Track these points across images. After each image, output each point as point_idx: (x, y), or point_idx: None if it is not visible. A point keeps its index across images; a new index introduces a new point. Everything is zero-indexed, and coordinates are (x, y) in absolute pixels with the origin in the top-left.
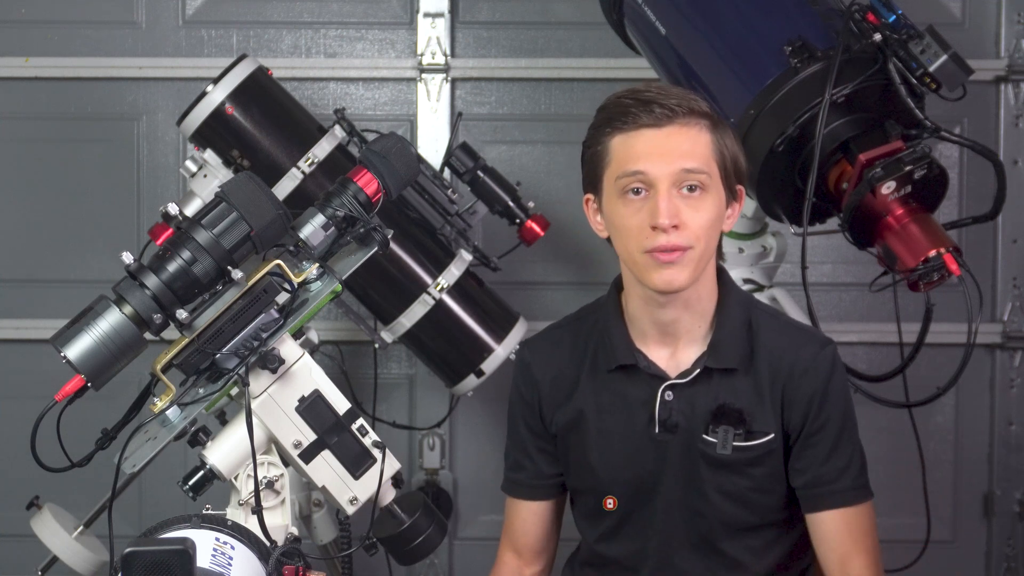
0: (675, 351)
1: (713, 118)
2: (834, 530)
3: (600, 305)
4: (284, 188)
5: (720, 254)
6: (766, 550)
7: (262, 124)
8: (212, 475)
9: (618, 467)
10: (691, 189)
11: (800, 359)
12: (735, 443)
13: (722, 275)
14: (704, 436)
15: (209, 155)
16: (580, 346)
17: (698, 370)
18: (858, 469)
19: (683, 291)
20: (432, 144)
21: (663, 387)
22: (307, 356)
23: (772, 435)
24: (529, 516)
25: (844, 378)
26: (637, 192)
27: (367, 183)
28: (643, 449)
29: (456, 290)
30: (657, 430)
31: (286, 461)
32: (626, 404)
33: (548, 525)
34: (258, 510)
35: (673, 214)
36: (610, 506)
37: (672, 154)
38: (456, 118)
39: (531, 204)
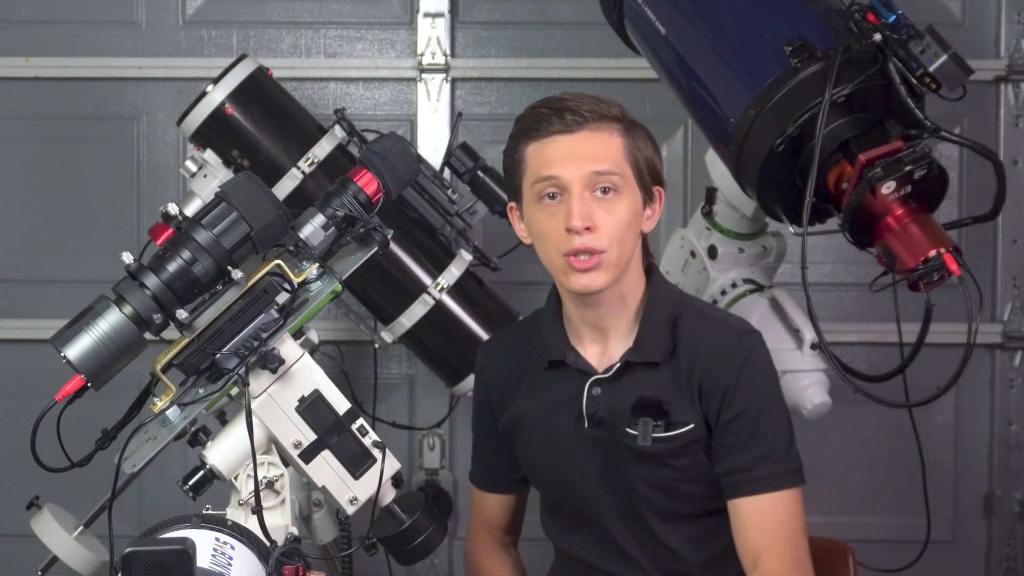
0: (605, 348)
1: (626, 121)
2: (750, 518)
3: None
4: (284, 188)
5: (649, 253)
6: (706, 540)
7: (262, 124)
8: (212, 475)
9: (555, 464)
10: (604, 191)
11: (716, 349)
12: (655, 434)
13: (652, 273)
14: (627, 429)
15: (209, 155)
16: (528, 346)
17: (618, 364)
18: (781, 457)
19: (604, 291)
20: (432, 144)
21: (589, 382)
22: (307, 356)
23: (692, 425)
24: (492, 505)
25: (763, 367)
26: (552, 197)
27: (367, 183)
28: (575, 445)
29: (456, 290)
30: (586, 425)
31: (286, 461)
32: (559, 401)
33: (512, 513)
34: (258, 510)
35: (586, 216)
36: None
37: (583, 158)
38: (456, 118)
39: None
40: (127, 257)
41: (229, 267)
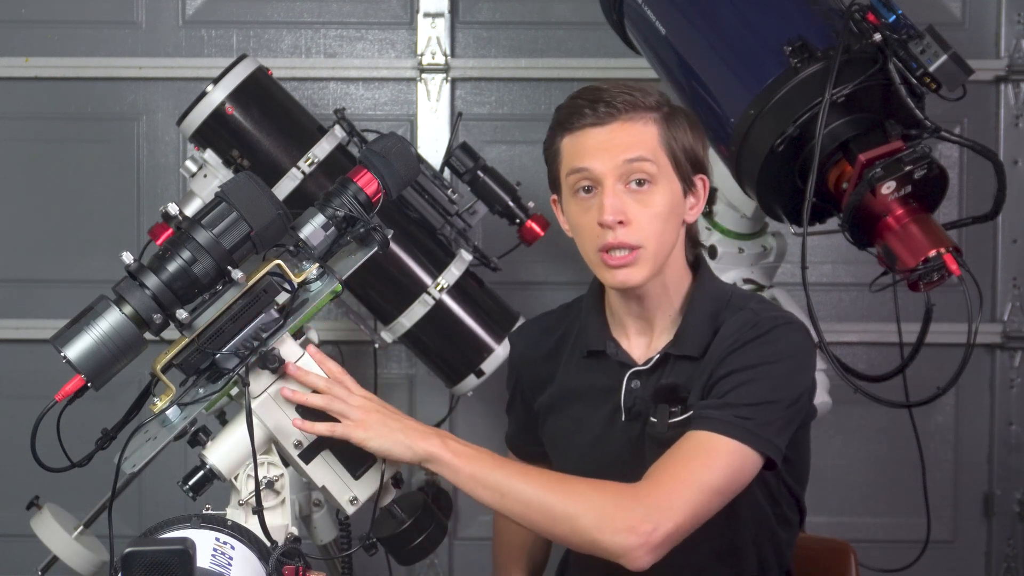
0: (651, 340)
1: (663, 110)
2: (676, 444)
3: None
4: (284, 188)
5: (697, 243)
6: (718, 535)
7: (262, 124)
8: (212, 475)
9: (585, 455)
10: (639, 184)
11: (737, 331)
12: (671, 420)
13: (700, 265)
14: (651, 419)
15: (209, 155)
16: (566, 333)
17: (656, 357)
18: (744, 413)
19: (644, 286)
20: (432, 144)
21: (628, 374)
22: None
23: None
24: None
25: (780, 349)
26: (588, 191)
27: (367, 183)
28: (607, 437)
29: (456, 290)
30: (623, 418)
31: (286, 461)
32: (596, 391)
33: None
34: (258, 510)
35: (618, 210)
36: None
37: (614, 148)
38: (456, 118)
39: (531, 204)
40: (127, 257)
41: (229, 267)
